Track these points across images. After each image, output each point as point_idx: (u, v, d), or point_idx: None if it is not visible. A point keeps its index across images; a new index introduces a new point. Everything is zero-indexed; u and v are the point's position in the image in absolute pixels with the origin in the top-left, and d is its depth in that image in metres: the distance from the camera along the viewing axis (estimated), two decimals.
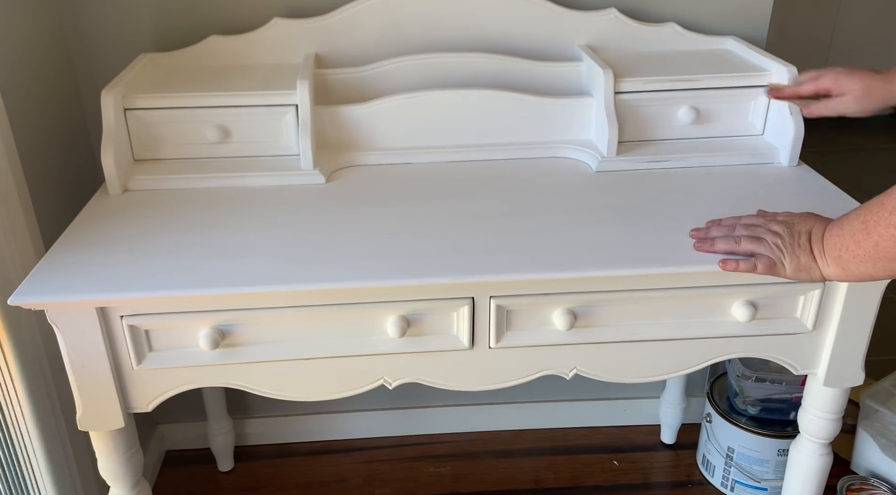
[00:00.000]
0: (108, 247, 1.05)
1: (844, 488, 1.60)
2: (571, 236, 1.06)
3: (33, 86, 1.29)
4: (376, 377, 1.09)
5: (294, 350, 1.05)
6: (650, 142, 1.32)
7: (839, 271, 0.95)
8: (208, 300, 1.00)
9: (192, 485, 1.77)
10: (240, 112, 1.26)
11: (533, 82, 1.37)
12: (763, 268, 0.98)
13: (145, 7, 1.40)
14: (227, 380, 1.07)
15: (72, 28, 1.41)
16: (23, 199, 1.20)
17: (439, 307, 1.04)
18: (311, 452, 1.85)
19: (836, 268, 0.95)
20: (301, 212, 1.14)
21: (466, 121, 1.31)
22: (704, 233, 1.05)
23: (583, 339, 1.08)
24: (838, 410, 1.18)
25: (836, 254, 0.94)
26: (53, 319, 0.98)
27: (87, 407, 1.03)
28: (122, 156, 1.22)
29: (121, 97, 1.22)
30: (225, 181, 1.23)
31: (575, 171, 1.27)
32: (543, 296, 1.04)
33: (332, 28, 1.39)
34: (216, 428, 1.75)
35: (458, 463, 1.82)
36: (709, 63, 1.35)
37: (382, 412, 1.87)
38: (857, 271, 0.93)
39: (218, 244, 1.06)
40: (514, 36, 1.42)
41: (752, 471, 1.67)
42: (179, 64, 1.38)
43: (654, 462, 1.83)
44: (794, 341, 1.12)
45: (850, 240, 0.92)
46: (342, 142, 1.31)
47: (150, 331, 1.02)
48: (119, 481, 1.10)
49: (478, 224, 1.10)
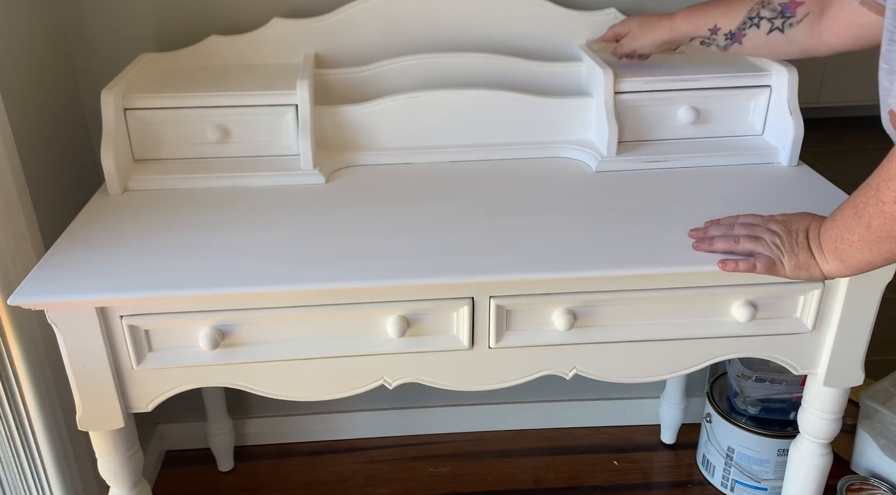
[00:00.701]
0: (108, 247, 1.05)
1: (844, 488, 1.60)
2: (571, 236, 1.06)
3: (33, 86, 1.29)
4: (376, 377, 1.09)
5: (294, 350, 1.05)
6: (650, 142, 1.32)
7: (838, 265, 0.95)
8: (208, 300, 1.00)
9: (192, 485, 1.77)
10: (240, 112, 1.26)
11: (533, 82, 1.37)
12: (762, 267, 0.98)
13: (145, 7, 1.40)
14: (227, 380, 1.07)
15: (72, 28, 1.41)
16: (23, 199, 1.20)
17: (439, 307, 1.04)
18: (312, 452, 1.85)
19: (836, 261, 0.95)
20: (301, 212, 1.14)
21: (466, 121, 1.31)
22: (703, 232, 1.05)
23: (583, 339, 1.08)
24: (838, 410, 1.18)
25: (833, 246, 0.94)
26: (53, 319, 0.98)
27: (87, 407, 1.03)
28: (122, 155, 1.22)
29: (121, 97, 1.22)
30: (225, 181, 1.23)
31: (575, 171, 1.27)
32: (543, 296, 1.04)
33: (332, 28, 1.39)
34: (216, 428, 1.75)
35: (458, 463, 1.82)
36: (709, 63, 1.35)
37: (382, 412, 1.87)
38: (855, 260, 0.92)
39: (218, 244, 1.06)
40: (514, 36, 1.42)
41: (752, 471, 1.67)
42: (179, 64, 1.38)
43: (654, 462, 1.83)
44: (794, 341, 1.12)
45: (843, 229, 0.92)
46: (342, 142, 1.31)
47: (150, 331, 1.02)
48: (119, 481, 1.10)
49: (478, 224, 1.10)
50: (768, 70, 1.30)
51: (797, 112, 1.25)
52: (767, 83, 1.30)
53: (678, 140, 1.33)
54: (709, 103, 1.31)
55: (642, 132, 1.32)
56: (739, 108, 1.32)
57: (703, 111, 1.32)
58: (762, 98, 1.31)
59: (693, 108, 1.31)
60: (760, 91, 1.31)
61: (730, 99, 1.31)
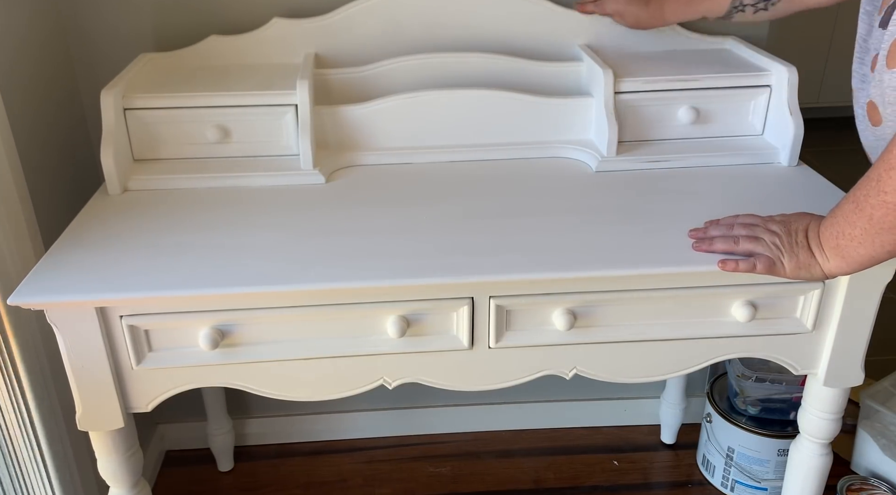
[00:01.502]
0: (108, 247, 1.05)
1: (844, 488, 1.60)
2: (571, 236, 1.06)
3: (33, 85, 1.29)
4: (376, 377, 1.09)
5: (294, 350, 1.05)
6: (650, 142, 1.32)
7: (840, 262, 0.94)
8: (208, 300, 1.00)
9: (192, 485, 1.77)
10: (240, 112, 1.26)
11: (533, 82, 1.37)
12: (762, 267, 0.98)
13: (145, 7, 1.40)
14: (227, 380, 1.07)
15: (72, 28, 1.41)
16: (23, 199, 1.20)
17: (439, 307, 1.04)
18: (312, 452, 1.85)
19: (837, 259, 0.94)
20: (301, 212, 1.14)
21: (466, 121, 1.31)
22: (703, 232, 1.05)
23: (583, 339, 1.08)
24: (838, 410, 1.18)
25: (833, 243, 0.94)
26: (53, 319, 0.98)
27: (86, 407, 1.03)
28: (121, 155, 1.22)
29: (121, 97, 1.22)
30: (225, 181, 1.23)
31: (575, 171, 1.27)
32: (543, 296, 1.04)
33: (332, 28, 1.39)
34: (216, 428, 1.75)
35: (458, 463, 1.82)
36: (709, 63, 1.35)
37: (382, 412, 1.87)
38: (857, 255, 0.92)
39: (218, 244, 1.06)
40: (514, 36, 1.42)
41: (752, 471, 1.67)
42: (179, 64, 1.38)
43: (654, 462, 1.83)
44: (794, 341, 1.12)
45: (844, 224, 0.91)
46: (342, 142, 1.31)
47: (150, 331, 1.02)
48: (119, 481, 1.10)
49: (478, 224, 1.10)
50: (768, 70, 1.30)
51: (797, 112, 1.25)
52: (767, 83, 1.30)
53: (678, 140, 1.33)
54: (709, 103, 1.31)
55: (642, 132, 1.32)
56: (739, 107, 1.32)
57: (703, 111, 1.32)
58: (762, 98, 1.31)
59: (693, 107, 1.31)
60: (760, 91, 1.31)
61: (730, 99, 1.31)
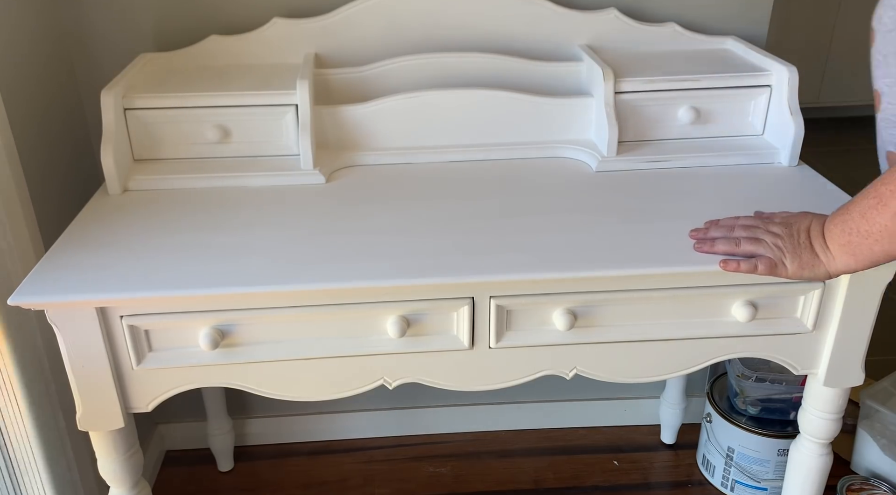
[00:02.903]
0: (108, 247, 1.05)
1: (844, 488, 1.60)
2: (571, 236, 1.06)
3: (33, 86, 1.29)
4: (376, 377, 1.09)
5: (294, 350, 1.05)
6: (650, 142, 1.32)
7: (848, 260, 0.93)
8: (208, 300, 1.00)
9: (192, 485, 1.77)
10: (240, 112, 1.26)
11: (533, 82, 1.37)
12: (764, 268, 0.98)
13: (145, 7, 1.40)
14: (227, 380, 1.07)
15: (72, 28, 1.41)
16: (23, 199, 1.20)
17: (439, 307, 1.04)
18: (311, 452, 1.85)
19: (845, 256, 0.93)
20: (301, 212, 1.14)
21: (466, 120, 1.31)
22: (703, 233, 1.05)
23: (583, 339, 1.08)
24: (838, 410, 1.18)
25: (843, 241, 0.93)
26: (53, 319, 0.98)
27: (86, 407, 1.03)
28: (122, 156, 1.22)
29: (121, 97, 1.22)
30: (225, 181, 1.23)
31: (575, 171, 1.27)
32: (543, 296, 1.04)
33: (332, 28, 1.39)
34: (216, 428, 1.75)
35: (458, 463, 1.82)
36: (709, 63, 1.35)
37: (382, 412, 1.87)
38: (870, 253, 0.90)
39: (218, 244, 1.06)
40: (514, 36, 1.42)
41: (752, 471, 1.67)
42: (179, 64, 1.38)
43: (654, 462, 1.83)
44: (794, 341, 1.12)
45: (860, 221, 0.90)
46: (342, 142, 1.31)
47: (150, 331, 1.02)
48: (119, 481, 1.10)
49: (478, 224, 1.10)
50: (768, 70, 1.30)
51: (797, 112, 1.25)
52: (768, 83, 1.30)
53: (678, 140, 1.33)
54: (709, 103, 1.31)
55: (642, 132, 1.32)
56: (740, 108, 1.32)
57: (704, 111, 1.32)
58: (762, 98, 1.31)
59: (693, 107, 1.31)
60: (761, 91, 1.31)
61: (730, 99, 1.31)
